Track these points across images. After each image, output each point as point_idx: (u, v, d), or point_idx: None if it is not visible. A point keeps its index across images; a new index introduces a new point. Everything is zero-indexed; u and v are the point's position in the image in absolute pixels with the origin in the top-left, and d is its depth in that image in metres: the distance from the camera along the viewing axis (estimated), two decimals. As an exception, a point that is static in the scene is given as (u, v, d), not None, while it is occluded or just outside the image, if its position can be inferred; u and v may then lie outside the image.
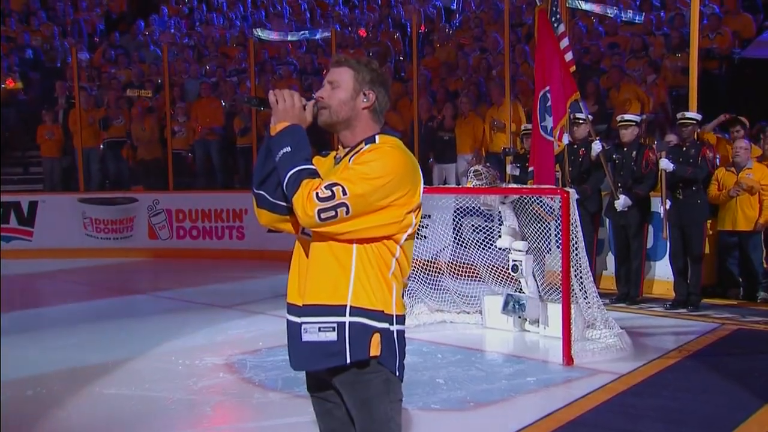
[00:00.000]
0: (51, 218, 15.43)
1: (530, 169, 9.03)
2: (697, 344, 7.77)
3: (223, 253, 14.68)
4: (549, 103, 8.56)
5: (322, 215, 2.88)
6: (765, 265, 9.63)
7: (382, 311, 3.03)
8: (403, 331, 3.12)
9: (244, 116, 15.31)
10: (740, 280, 9.84)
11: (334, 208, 2.87)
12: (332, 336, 3.00)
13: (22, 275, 13.26)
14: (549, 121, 8.54)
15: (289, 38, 18.42)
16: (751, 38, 13.14)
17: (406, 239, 3.09)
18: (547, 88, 8.61)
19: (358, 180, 2.91)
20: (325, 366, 3.04)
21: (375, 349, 3.01)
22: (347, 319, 2.99)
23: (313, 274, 3.05)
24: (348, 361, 2.99)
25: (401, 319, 3.10)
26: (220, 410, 6.17)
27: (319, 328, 3.01)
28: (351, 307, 3.00)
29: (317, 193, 2.86)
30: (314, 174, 2.95)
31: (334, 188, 2.87)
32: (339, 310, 3.00)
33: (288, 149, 2.98)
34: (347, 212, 2.89)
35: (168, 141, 15.68)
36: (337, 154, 3.24)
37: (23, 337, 8.69)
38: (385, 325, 3.03)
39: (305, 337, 3.03)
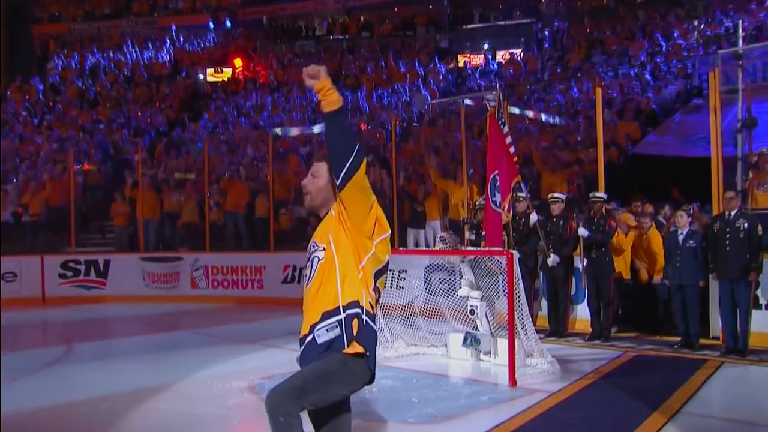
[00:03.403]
0: (119, 272, 15.48)
1: (483, 233, 9.06)
2: (607, 368, 7.80)
3: (247, 300, 14.59)
4: (498, 184, 8.59)
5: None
6: None
7: (360, 310, 3.07)
8: (376, 333, 3.14)
9: (266, 196, 15.44)
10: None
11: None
12: (337, 332, 3.05)
13: (97, 315, 13.34)
14: (498, 197, 8.58)
15: (298, 133, 18.62)
16: (638, 139, 13.54)
17: (370, 268, 3.12)
18: (497, 172, 8.63)
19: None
20: (332, 351, 3.05)
21: (355, 329, 3.05)
22: (343, 315, 3.05)
23: (318, 299, 3.10)
24: (346, 345, 3.04)
25: (372, 318, 3.14)
26: (246, 423, 6.13)
27: (327, 329, 3.06)
28: (342, 306, 3.06)
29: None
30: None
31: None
32: (336, 311, 3.06)
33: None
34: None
35: (206, 213, 15.71)
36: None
37: (97, 364, 8.71)
38: (363, 316, 3.07)
39: (320, 340, 3.07)
